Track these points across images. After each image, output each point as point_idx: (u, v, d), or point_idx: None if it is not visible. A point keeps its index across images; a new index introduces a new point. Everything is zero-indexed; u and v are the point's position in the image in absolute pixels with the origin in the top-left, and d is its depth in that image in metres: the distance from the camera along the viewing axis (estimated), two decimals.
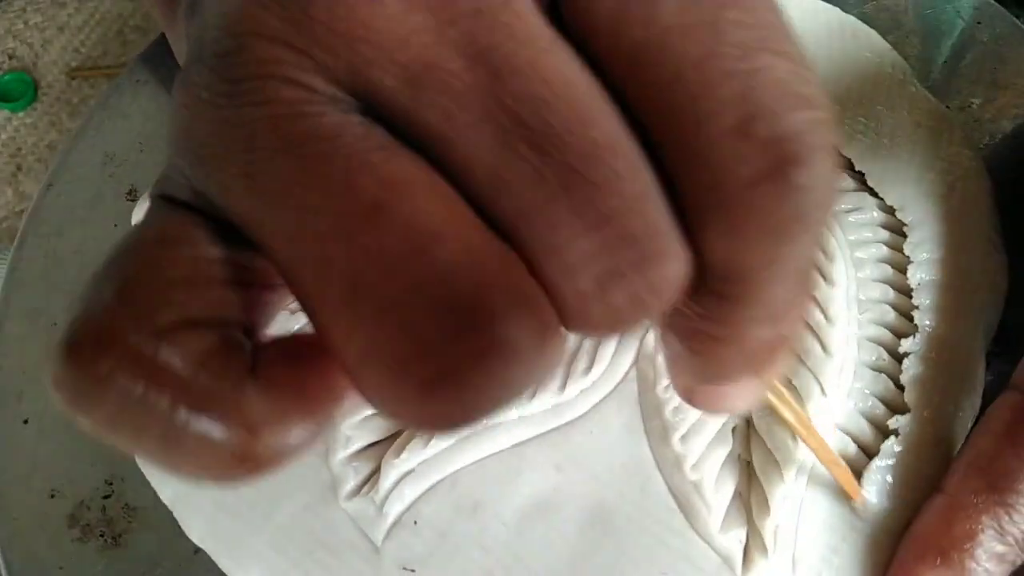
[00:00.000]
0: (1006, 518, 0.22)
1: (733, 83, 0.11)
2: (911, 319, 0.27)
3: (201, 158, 0.12)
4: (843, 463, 0.24)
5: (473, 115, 0.11)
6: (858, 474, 0.25)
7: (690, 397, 0.17)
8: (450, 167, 0.12)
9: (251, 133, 0.12)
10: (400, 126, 0.12)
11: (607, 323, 0.12)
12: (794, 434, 0.24)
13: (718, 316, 0.14)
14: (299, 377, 0.13)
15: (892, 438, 0.25)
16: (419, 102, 0.12)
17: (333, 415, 0.13)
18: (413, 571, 0.24)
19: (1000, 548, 0.22)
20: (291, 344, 0.13)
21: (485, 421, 0.14)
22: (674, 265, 0.12)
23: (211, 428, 0.12)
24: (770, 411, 0.24)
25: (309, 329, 0.13)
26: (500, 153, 0.11)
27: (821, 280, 0.27)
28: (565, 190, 0.11)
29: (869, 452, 0.25)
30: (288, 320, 0.23)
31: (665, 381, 0.26)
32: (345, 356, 0.12)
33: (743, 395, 0.17)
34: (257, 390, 0.12)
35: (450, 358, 0.11)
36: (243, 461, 0.12)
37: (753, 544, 0.24)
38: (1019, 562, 0.22)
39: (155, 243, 0.13)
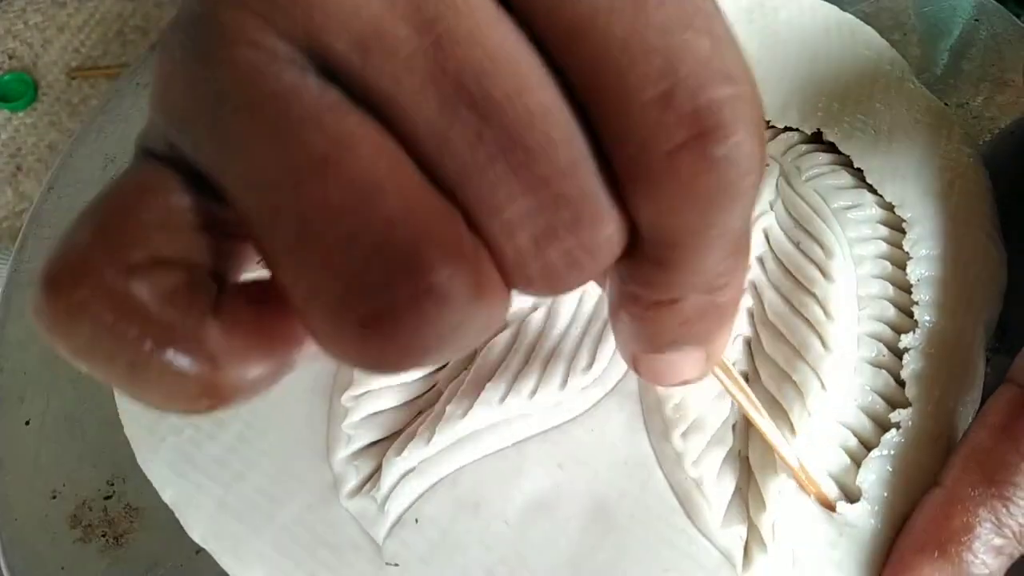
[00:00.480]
0: (1003, 511, 0.22)
1: (655, 59, 0.12)
2: (911, 315, 0.27)
3: (174, 114, 0.13)
4: (790, 450, 0.24)
5: (418, 80, 0.12)
6: (858, 466, 0.25)
7: (636, 366, 0.18)
8: (398, 128, 0.13)
9: (217, 91, 0.13)
10: (353, 88, 0.13)
11: (544, 281, 0.13)
12: (744, 415, 0.24)
13: (654, 281, 0.15)
14: (260, 318, 0.14)
15: (893, 430, 0.25)
16: (369, 66, 0.12)
17: (292, 357, 0.14)
18: (397, 565, 0.24)
19: (998, 541, 0.22)
20: (255, 288, 0.14)
21: (421, 367, 0.15)
22: (607, 227, 0.13)
23: (175, 359, 0.13)
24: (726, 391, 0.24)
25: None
26: (443, 116, 0.12)
27: (821, 276, 0.27)
28: (503, 153, 0.12)
29: (869, 446, 0.25)
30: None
31: None
32: (294, 298, 0.13)
33: (687, 367, 0.17)
34: (220, 326, 0.13)
35: (385, 300, 0.12)
36: (206, 392, 0.13)
37: (752, 540, 0.24)
38: (1017, 555, 0.22)
39: (133, 190, 0.14)
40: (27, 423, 0.28)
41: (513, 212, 0.13)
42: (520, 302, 0.27)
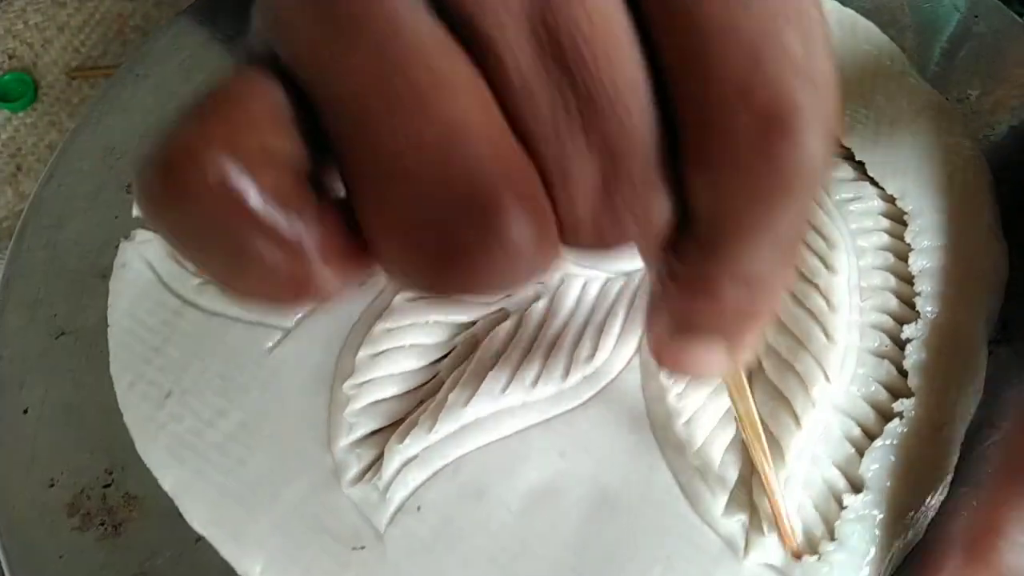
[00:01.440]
0: None
1: (746, 47, 0.12)
2: (913, 306, 0.27)
3: (277, 23, 0.14)
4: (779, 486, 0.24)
5: (521, 30, 0.13)
6: (861, 455, 0.25)
7: (660, 352, 0.18)
8: (493, 76, 0.13)
9: (327, 9, 0.13)
10: (459, 29, 0.13)
11: (590, 240, 0.14)
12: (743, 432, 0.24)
13: (697, 262, 0.15)
14: (350, 230, 0.14)
15: (896, 420, 0.25)
16: (480, 8, 0.13)
17: (369, 273, 0.15)
18: (363, 547, 0.24)
19: None
20: (346, 202, 0.14)
21: (471, 297, 0.16)
22: (660, 203, 0.14)
23: (274, 252, 0.13)
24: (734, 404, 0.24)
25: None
26: (535, 71, 0.13)
27: (823, 268, 0.27)
28: (581, 117, 0.13)
29: (872, 435, 0.25)
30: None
31: None
32: (371, 223, 0.13)
33: (710, 360, 0.17)
34: (318, 229, 0.13)
35: (460, 239, 0.13)
36: (294, 289, 0.14)
37: (754, 527, 0.24)
38: None
39: (241, 85, 0.14)
40: (25, 411, 0.27)
41: (576, 173, 0.13)
42: (522, 291, 0.27)
